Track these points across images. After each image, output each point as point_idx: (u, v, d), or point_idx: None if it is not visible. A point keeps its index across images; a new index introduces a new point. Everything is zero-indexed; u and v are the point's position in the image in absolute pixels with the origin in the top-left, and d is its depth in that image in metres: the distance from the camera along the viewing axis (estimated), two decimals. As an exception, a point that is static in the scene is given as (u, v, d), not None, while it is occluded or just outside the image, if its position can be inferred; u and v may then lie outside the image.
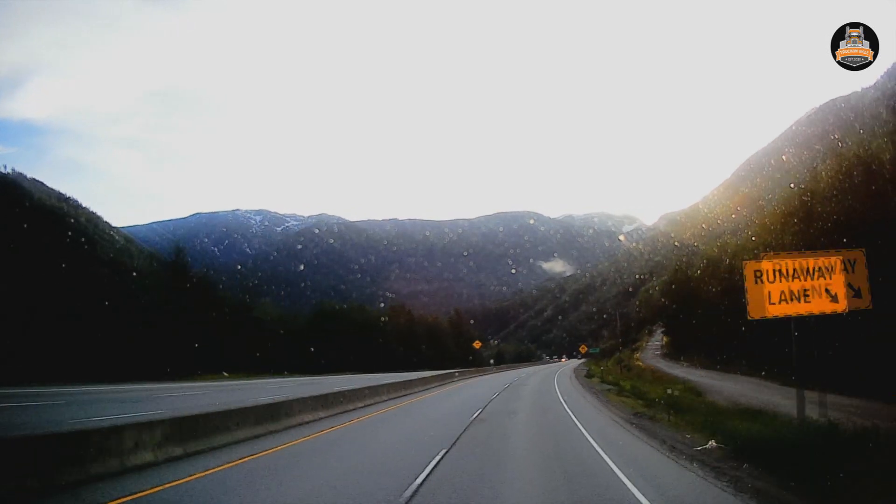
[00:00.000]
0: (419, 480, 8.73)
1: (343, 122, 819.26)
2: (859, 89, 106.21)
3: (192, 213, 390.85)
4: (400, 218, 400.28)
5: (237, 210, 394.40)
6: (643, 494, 7.97)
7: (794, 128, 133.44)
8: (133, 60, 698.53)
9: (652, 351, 61.86)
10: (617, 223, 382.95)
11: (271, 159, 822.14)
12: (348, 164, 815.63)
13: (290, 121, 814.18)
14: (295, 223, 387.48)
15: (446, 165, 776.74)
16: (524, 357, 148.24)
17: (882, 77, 63.16)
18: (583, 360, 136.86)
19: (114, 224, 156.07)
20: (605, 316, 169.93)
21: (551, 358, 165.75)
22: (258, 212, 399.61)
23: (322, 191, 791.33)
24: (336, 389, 21.93)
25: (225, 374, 47.21)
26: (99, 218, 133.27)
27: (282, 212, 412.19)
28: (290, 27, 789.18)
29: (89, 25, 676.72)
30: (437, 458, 10.70)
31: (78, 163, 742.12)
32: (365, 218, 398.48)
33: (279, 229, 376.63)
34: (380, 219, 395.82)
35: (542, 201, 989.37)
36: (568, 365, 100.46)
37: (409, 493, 7.99)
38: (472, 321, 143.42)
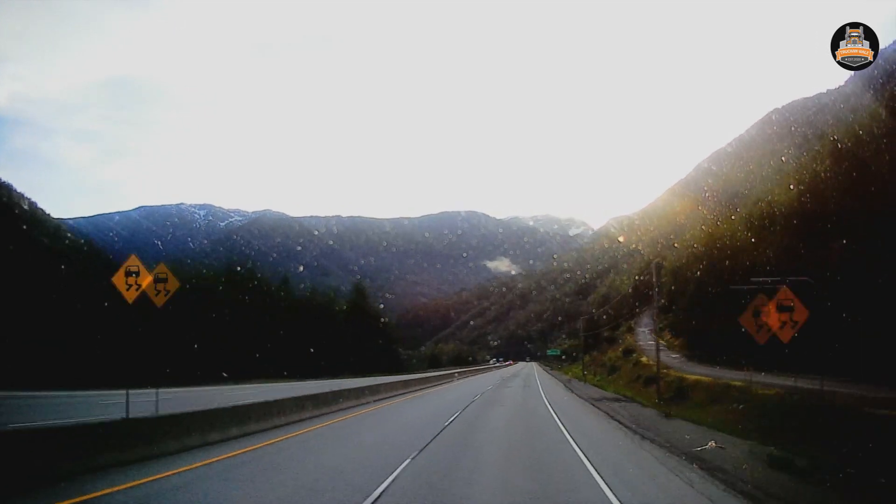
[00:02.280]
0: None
1: (288, 119, 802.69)
2: (825, 90, 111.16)
3: (137, 205, 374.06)
4: (343, 215, 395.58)
5: (182, 204, 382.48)
6: None
7: (752, 131, 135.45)
8: (85, 51, 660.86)
9: (662, 354, 47.13)
10: (563, 226, 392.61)
11: (217, 154, 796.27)
12: (292, 161, 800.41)
13: (237, 117, 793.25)
14: (239, 218, 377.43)
15: (392, 164, 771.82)
16: (463, 360, 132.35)
17: (849, 80, 66.26)
18: (530, 363, 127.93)
19: (60, 216, 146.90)
20: (558, 317, 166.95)
21: (496, 361, 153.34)
22: (202, 206, 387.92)
23: (266, 187, 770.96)
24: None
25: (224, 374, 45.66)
26: (35, 205, 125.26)
27: (226, 206, 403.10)
28: (232, 23, 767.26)
29: (37, 15, 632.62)
30: None
31: (29, 153, 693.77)
32: (308, 214, 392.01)
33: (223, 224, 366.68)
34: (323, 216, 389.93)
35: (488, 202, 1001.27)
36: (527, 372, 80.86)
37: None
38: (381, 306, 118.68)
